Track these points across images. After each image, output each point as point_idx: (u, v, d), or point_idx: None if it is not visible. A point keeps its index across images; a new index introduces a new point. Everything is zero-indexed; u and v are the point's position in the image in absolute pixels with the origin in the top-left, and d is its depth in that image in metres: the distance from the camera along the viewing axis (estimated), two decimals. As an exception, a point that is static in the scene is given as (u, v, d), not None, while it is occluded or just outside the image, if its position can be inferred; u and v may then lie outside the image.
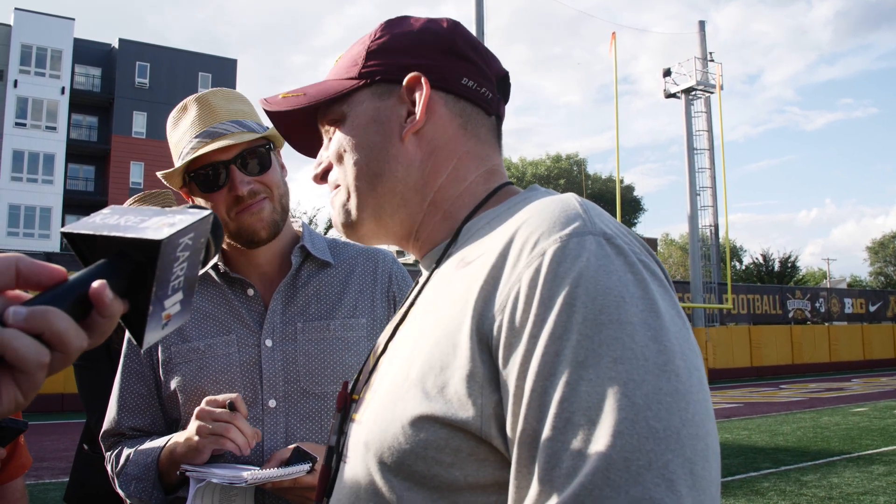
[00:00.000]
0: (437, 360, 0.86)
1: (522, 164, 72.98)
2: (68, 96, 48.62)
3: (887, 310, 45.39)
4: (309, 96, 1.14)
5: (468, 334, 0.84)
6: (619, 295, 0.78)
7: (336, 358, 1.85)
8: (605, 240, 0.83)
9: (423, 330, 0.94)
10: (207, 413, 1.66)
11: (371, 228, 1.13)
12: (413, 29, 1.12)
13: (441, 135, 1.08)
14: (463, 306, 0.87)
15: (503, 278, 0.85)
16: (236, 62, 55.25)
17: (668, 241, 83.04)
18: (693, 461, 0.72)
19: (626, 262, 0.82)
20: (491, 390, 0.81)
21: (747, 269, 65.06)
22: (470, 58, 1.10)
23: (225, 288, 1.93)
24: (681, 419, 0.73)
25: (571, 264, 0.80)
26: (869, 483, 8.92)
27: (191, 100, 1.90)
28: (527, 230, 0.87)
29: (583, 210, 0.88)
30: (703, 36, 38.28)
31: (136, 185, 48.42)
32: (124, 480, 1.84)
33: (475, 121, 1.11)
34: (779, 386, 26.89)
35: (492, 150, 1.13)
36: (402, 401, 0.88)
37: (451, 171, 1.09)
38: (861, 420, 15.27)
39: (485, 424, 0.81)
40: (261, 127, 1.90)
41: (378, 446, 0.89)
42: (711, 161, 36.15)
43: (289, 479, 1.62)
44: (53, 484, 9.21)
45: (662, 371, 0.75)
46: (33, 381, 0.68)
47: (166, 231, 0.75)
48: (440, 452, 0.83)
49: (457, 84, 1.09)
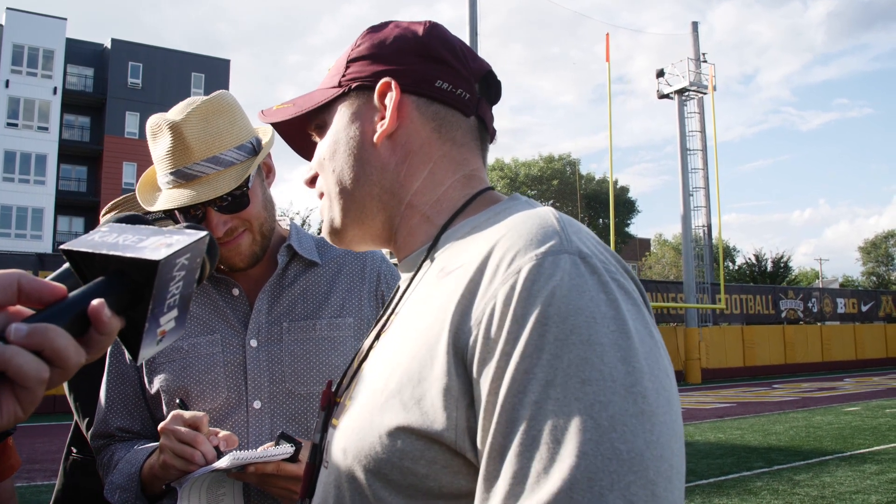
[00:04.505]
0: (416, 372, 0.87)
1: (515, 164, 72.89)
2: (60, 96, 48.44)
3: (879, 310, 45.49)
4: (296, 106, 1.17)
5: (445, 347, 0.85)
6: (591, 315, 0.79)
7: (322, 358, 1.84)
8: (580, 259, 0.84)
9: (404, 338, 0.95)
10: (172, 431, 1.62)
11: (356, 234, 1.14)
12: (390, 35, 1.12)
13: (414, 138, 1.09)
14: (442, 318, 0.88)
15: (479, 293, 0.86)
16: (229, 63, 55.16)
17: (661, 242, 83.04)
18: (655, 483, 0.73)
19: (600, 282, 0.82)
20: (465, 404, 0.82)
21: (740, 269, 65.12)
22: (445, 59, 1.10)
23: (210, 287, 1.91)
24: (645, 441, 0.74)
25: (545, 283, 0.81)
26: (861, 482, 8.94)
27: (164, 124, 1.77)
28: (504, 245, 0.88)
29: (560, 227, 0.89)
30: (696, 37, 38.30)
31: (129, 186, 48.24)
32: (109, 489, 1.82)
33: (450, 123, 1.10)
34: (771, 385, 26.96)
35: (470, 154, 1.12)
36: (380, 410, 0.89)
37: (426, 175, 1.09)
38: (853, 419, 15.32)
39: (459, 438, 0.82)
40: (240, 154, 1.81)
41: (355, 454, 0.90)
42: (705, 161, 36.16)
43: (273, 463, 1.59)
44: (45, 486, 9.18)
45: (629, 392, 0.76)
46: (33, 396, 0.70)
47: (164, 252, 0.78)
48: (415, 463, 0.84)
49: (429, 87, 1.09)
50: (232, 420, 1.80)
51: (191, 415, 1.65)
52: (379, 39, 1.13)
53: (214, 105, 1.82)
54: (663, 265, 73.82)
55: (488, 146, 1.18)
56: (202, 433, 1.62)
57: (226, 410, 1.81)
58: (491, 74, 1.15)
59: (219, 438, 1.65)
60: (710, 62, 36.56)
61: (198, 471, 1.59)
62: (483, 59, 1.16)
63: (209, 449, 1.60)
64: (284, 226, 2.03)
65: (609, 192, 29.80)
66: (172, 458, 1.60)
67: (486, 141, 1.17)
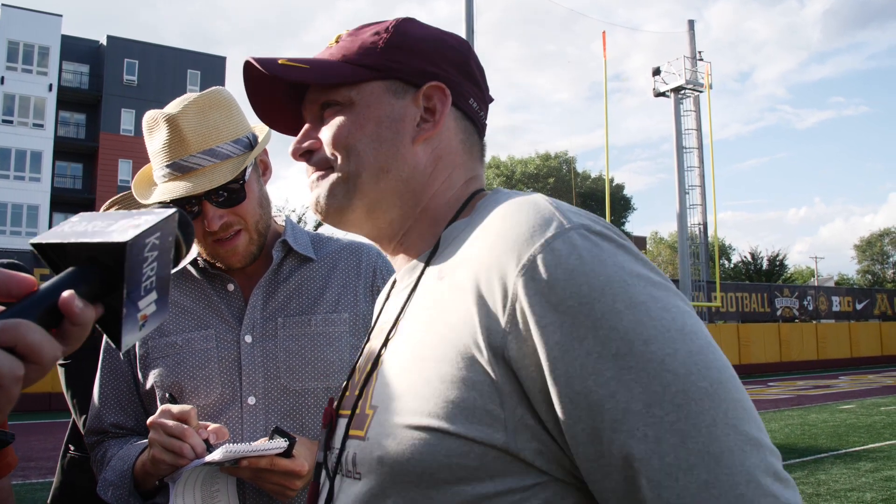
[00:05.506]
0: (448, 375, 0.87)
1: (511, 162, 72.93)
2: (56, 93, 48.34)
3: (874, 308, 45.61)
4: (317, 72, 1.10)
5: (480, 349, 0.85)
6: (621, 279, 0.82)
7: (317, 354, 1.83)
8: (587, 231, 0.86)
9: (423, 343, 0.94)
10: (160, 425, 1.61)
11: (359, 218, 1.11)
12: (431, 36, 1.13)
13: (446, 146, 1.12)
14: (466, 320, 0.88)
15: (497, 289, 0.86)
16: (225, 59, 55.04)
17: (657, 240, 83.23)
18: (740, 399, 0.81)
19: (614, 245, 0.86)
20: (514, 403, 0.83)
21: (736, 267, 65.24)
22: (477, 80, 1.16)
23: (204, 283, 1.91)
24: (717, 368, 0.81)
25: (567, 265, 0.82)
26: (856, 479, 8.96)
27: (161, 117, 1.78)
28: (509, 239, 0.89)
29: (555, 208, 0.91)
30: (692, 35, 38.37)
31: (125, 183, 48.11)
32: (103, 486, 1.82)
33: (472, 139, 1.16)
34: (767, 383, 26.99)
35: (477, 164, 1.17)
36: (416, 415, 0.88)
37: (445, 180, 1.12)
38: (848, 417, 15.34)
39: (509, 437, 0.83)
40: (237, 147, 1.81)
41: (395, 461, 0.89)
42: (700, 159, 36.28)
43: (267, 458, 1.58)
44: (40, 484, 9.16)
45: (684, 334, 0.81)
46: (8, 394, 0.67)
47: (131, 233, 0.76)
48: (465, 458, 0.84)
49: (465, 103, 1.13)
50: (226, 416, 1.79)
51: (179, 408, 1.64)
52: (420, 36, 1.12)
53: (211, 99, 1.82)
54: (659, 263, 73.92)
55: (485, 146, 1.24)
56: (191, 426, 1.61)
57: (220, 406, 1.80)
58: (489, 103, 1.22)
59: (208, 431, 1.64)
60: (706, 60, 36.74)
61: (190, 464, 1.58)
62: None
63: (198, 442, 1.59)
64: (280, 222, 2.02)
65: (605, 189, 29.81)
66: (161, 452, 1.60)
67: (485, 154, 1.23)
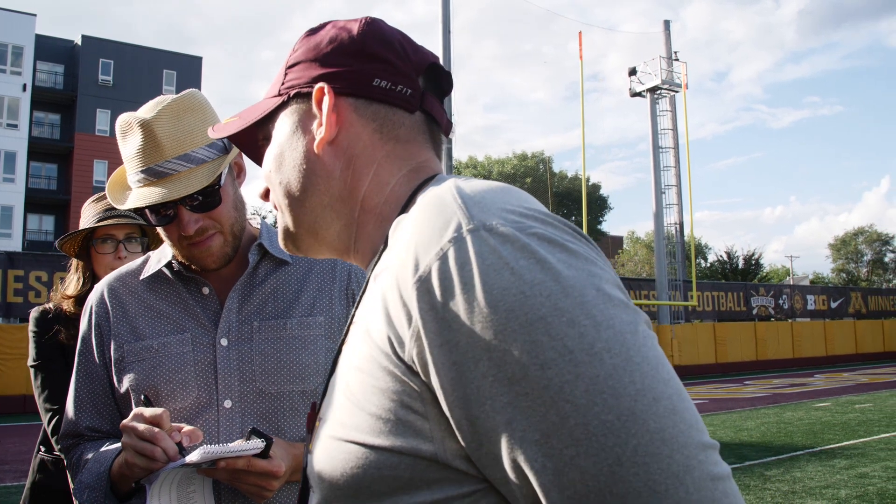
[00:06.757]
0: (370, 386, 0.84)
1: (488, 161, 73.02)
2: (30, 93, 47.90)
3: (849, 306, 46.03)
4: (242, 119, 1.14)
5: (394, 361, 0.81)
6: (519, 291, 0.74)
7: (293, 357, 1.83)
8: (486, 232, 0.78)
9: (354, 351, 0.91)
10: (131, 428, 1.60)
11: (311, 243, 1.10)
12: (326, 37, 1.08)
13: (356, 141, 1.04)
14: (381, 330, 0.84)
15: (400, 299, 0.81)
16: (202, 60, 54.82)
17: (633, 239, 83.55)
18: (662, 428, 0.70)
19: (515, 248, 0.77)
20: (438, 412, 0.79)
21: (712, 266, 65.62)
22: (382, 56, 1.04)
23: (179, 286, 1.90)
24: (631, 395, 0.70)
25: (460, 278, 0.76)
26: (831, 476, 9.05)
27: (135, 122, 1.77)
28: (411, 244, 0.83)
29: (460, 202, 0.84)
30: (668, 35, 38.56)
31: (100, 184, 47.71)
32: (78, 488, 1.80)
33: (392, 122, 1.05)
34: (743, 382, 27.19)
35: (417, 148, 1.07)
36: (345, 428, 0.86)
37: (372, 177, 1.04)
38: (823, 415, 15.49)
39: (437, 447, 0.79)
40: (211, 151, 1.80)
41: (330, 476, 0.87)
42: (677, 159, 36.45)
43: (243, 459, 1.58)
44: (14, 487, 9.09)
45: (591, 355, 0.71)
46: None
47: None
48: (396, 469, 0.81)
49: (367, 87, 1.04)
50: (202, 419, 1.79)
51: (151, 412, 1.63)
52: (315, 42, 1.08)
53: (185, 103, 1.81)
54: (636, 262, 74.26)
55: (441, 139, 1.12)
56: (164, 429, 1.60)
57: (196, 410, 1.79)
58: (436, 66, 1.09)
59: (182, 434, 1.63)
60: (682, 60, 36.87)
61: (167, 466, 1.57)
62: (427, 50, 1.11)
63: (170, 445, 1.57)
64: (255, 224, 2.02)
65: (582, 189, 29.90)
66: (134, 455, 1.59)
67: (438, 133, 1.11)
